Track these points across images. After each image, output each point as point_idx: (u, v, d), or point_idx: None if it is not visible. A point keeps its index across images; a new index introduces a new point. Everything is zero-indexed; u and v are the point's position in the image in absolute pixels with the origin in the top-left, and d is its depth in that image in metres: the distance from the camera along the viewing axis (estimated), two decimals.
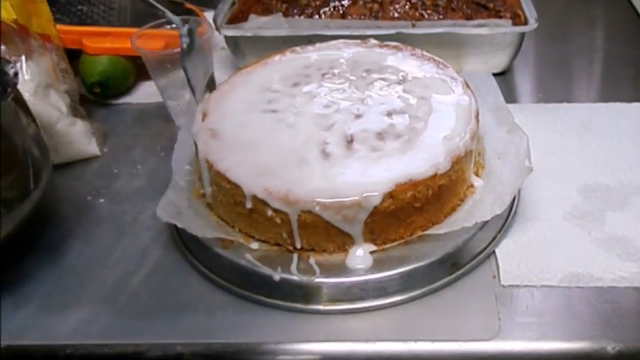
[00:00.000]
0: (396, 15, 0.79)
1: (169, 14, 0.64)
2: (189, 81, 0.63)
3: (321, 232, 0.52)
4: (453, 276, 0.53)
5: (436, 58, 0.65)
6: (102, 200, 0.64)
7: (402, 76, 0.62)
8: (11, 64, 0.57)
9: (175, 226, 0.55)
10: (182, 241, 0.58)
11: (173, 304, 0.53)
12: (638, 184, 0.61)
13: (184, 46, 0.63)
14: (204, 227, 0.55)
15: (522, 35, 0.76)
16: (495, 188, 0.56)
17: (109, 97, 0.80)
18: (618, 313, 0.50)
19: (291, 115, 0.58)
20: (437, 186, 0.52)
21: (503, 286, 0.52)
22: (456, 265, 0.53)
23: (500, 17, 0.78)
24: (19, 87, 0.56)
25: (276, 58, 0.67)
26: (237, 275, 0.53)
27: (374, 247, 0.53)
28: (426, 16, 0.79)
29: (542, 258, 0.54)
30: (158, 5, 0.64)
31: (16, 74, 0.56)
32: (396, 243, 0.53)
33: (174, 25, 0.74)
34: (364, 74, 0.63)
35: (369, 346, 0.49)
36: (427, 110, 0.58)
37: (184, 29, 0.64)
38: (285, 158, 0.54)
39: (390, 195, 0.50)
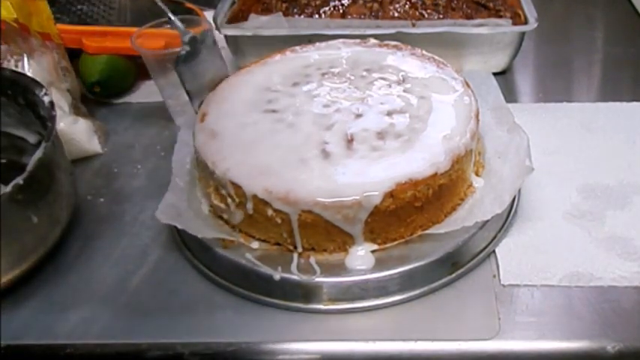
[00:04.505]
0: (396, 14, 0.79)
1: (174, 20, 0.63)
2: (183, 86, 0.62)
3: (321, 231, 0.52)
4: (453, 275, 0.53)
5: (436, 57, 0.65)
6: (102, 200, 0.64)
7: (402, 75, 0.62)
8: (44, 90, 0.58)
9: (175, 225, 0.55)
10: (182, 240, 0.58)
11: (173, 303, 0.53)
12: (638, 184, 0.61)
13: (182, 52, 0.61)
14: (204, 227, 0.55)
15: (522, 35, 0.76)
16: (495, 188, 0.56)
17: (109, 96, 0.80)
18: (618, 312, 0.50)
19: (291, 115, 0.58)
20: (437, 185, 0.52)
21: (504, 286, 0.52)
22: (456, 264, 0.53)
23: (501, 17, 0.78)
24: None
25: (276, 57, 0.67)
26: (237, 275, 0.53)
27: (374, 247, 0.53)
28: (426, 15, 0.79)
29: (542, 257, 0.54)
30: (164, 7, 0.63)
31: (52, 104, 0.57)
32: (396, 242, 0.53)
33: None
34: (364, 74, 0.63)
35: (369, 346, 0.49)
36: (427, 110, 0.58)
37: (187, 37, 0.62)
38: (286, 158, 0.54)
39: (390, 194, 0.50)
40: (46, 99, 0.57)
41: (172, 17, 0.63)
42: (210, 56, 0.64)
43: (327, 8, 0.81)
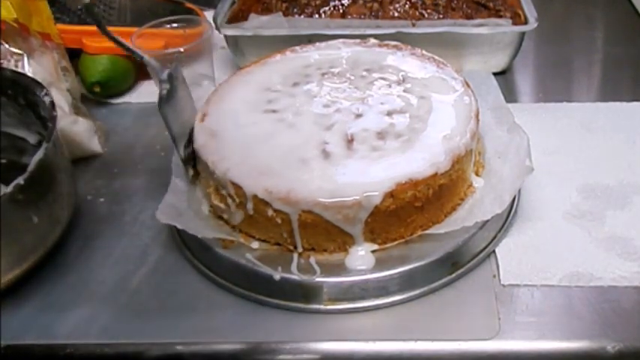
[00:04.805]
0: (396, 14, 0.79)
1: (148, 59, 0.56)
2: (169, 129, 0.56)
3: (321, 231, 0.52)
4: (453, 275, 0.53)
5: (436, 57, 0.65)
6: (102, 200, 0.64)
7: (402, 75, 0.62)
8: (45, 90, 0.57)
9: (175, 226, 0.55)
10: (182, 240, 0.58)
11: (173, 303, 0.53)
12: (638, 184, 0.61)
13: (164, 92, 0.54)
14: (204, 227, 0.55)
15: (522, 35, 0.76)
16: (495, 187, 0.56)
17: (109, 96, 0.80)
18: (618, 312, 0.50)
19: (291, 115, 0.58)
20: (437, 185, 0.52)
21: (504, 286, 0.52)
22: (456, 264, 0.53)
23: (501, 17, 0.78)
24: None
25: (276, 57, 0.67)
26: (237, 275, 0.53)
27: (374, 247, 0.53)
28: (426, 15, 0.79)
29: (542, 257, 0.54)
30: (134, 49, 0.56)
31: (52, 104, 0.56)
32: (396, 242, 0.53)
33: (174, 25, 0.74)
34: (364, 73, 0.63)
35: (369, 346, 0.49)
36: (427, 110, 0.58)
37: (164, 75, 0.55)
38: (286, 158, 0.54)
39: (390, 194, 0.50)
40: (46, 99, 0.57)
41: (145, 57, 0.57)
42: (183, 92, 0.59)
43: (327, 8, 0.81)
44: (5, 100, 0.61)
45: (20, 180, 0.49)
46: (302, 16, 0.80)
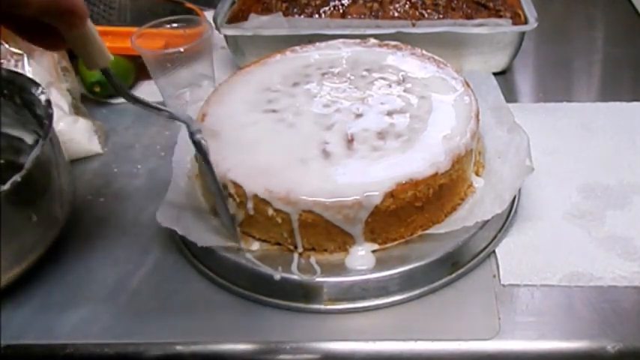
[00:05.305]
0: (396, 14, 0.79)
1: (175, 113, 0.50)
2: (216, 180, 0.51)
3: (321, 231, 0.52)
4: (454, 275, 0.53)
5: (436, 57, 0.65)
6: (102, 200, 0.64)
7: (402, 75, 0.62)
8: (40, 88, 0.57)
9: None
10: (182, 240, 0.58)
11: (173, 303, 0.53)
12: (638, 184, 0.61)
13: (204, 143, 0.50)
14: (204, 232, 0.54)
15: (522, 35, 0.77)
16: (496, 187, 0.56)
17: (109, 96, 0.80)
18: (618, 312, 0.50)
19: (292, 115, 0.58)
20: (437, 185, 0.52)
21: (504, 286, 0.52)
22: (456, 264, 0.53)
23: (501, 17, 0.78)
24: None
25: (276, 57, 0.67)
26: (237, 275, 0.53)
27: (375, 247, 0.53)
28: (426, 15, 0.79)
29: (542, 257, 0.54)
30: (158, 106, 0.49)
31: (49, 102, 0.56)
32: (396, 242, 0.53)
33: (174, 25, 0.74)
34: (364, 73, 0.63)
35: (369, 346, 0.49)
36: (427, 109, 0.58)
37: (195, 126, 0.50)
38: (286, 158, 0.54)
39: (390, 194, 0.50)
40: (42, 97, 0.57)
41: (172, 112, 0.51)
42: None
43: (327, 8, 0.81)
44: (2, 100, 0.61)
45: (17, 177, 0.49)
46: (302, 16, 0.80)
